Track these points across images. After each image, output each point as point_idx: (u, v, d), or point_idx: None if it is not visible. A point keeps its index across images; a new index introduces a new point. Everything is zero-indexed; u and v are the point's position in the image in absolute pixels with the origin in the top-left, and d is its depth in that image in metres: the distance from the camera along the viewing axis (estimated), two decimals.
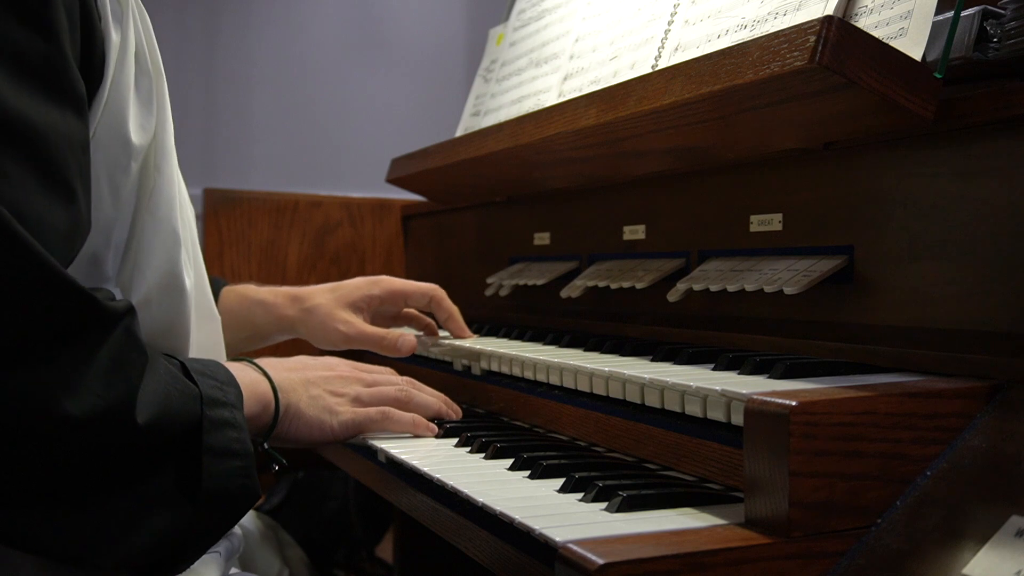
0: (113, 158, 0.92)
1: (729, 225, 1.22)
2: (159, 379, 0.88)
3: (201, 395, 0.92)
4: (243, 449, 0.95)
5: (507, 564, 0.83)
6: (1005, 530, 0.70)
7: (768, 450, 0.74)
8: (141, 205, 0.97)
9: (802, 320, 1.09)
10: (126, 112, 0.92)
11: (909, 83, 0.89)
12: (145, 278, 0.97)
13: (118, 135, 0.92)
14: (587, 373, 1.10)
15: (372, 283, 1.51)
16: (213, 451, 0.91)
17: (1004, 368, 0.83)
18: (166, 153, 0.99)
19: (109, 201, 0.93)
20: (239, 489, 0.94)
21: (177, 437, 0.89)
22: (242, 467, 0.94)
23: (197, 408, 0.91)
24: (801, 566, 0.73)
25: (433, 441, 1.17)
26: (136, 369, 0.84)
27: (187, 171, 1.25)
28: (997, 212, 0.88)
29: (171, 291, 1.00)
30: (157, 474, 0.88)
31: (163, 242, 0.98)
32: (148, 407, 0.84)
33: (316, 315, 1.48)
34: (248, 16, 3.60)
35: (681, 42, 1.28)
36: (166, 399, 0.87)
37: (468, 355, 1.40)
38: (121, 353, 0.83)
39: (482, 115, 1.79)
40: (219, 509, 0.92)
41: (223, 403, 0.95)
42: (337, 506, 2.32)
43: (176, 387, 0.90)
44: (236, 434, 0.95)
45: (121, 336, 0.84)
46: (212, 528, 0.94)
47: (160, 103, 0.99)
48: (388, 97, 3.73)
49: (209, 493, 0.90)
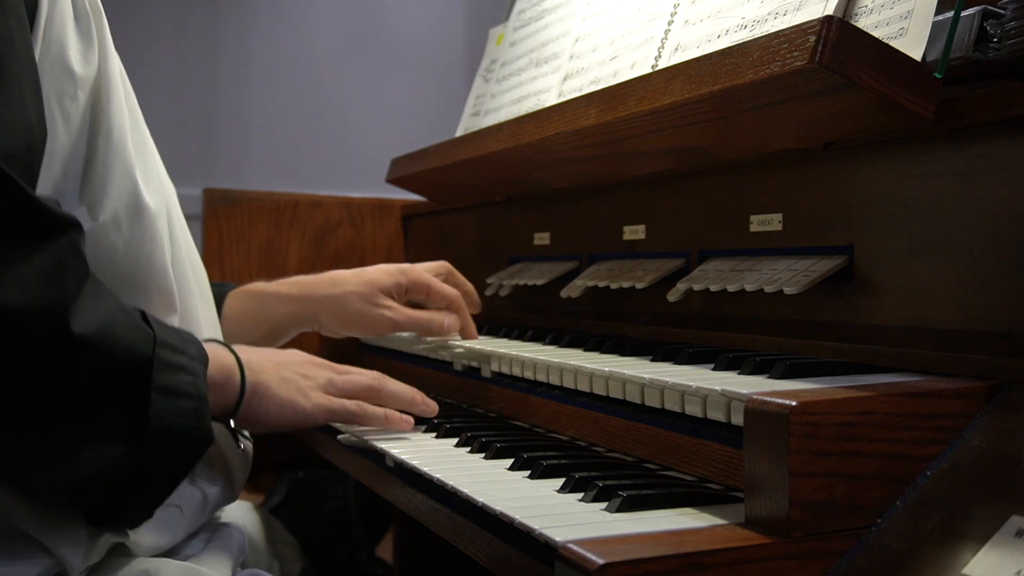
0: (60, 86, 0.96)
1: (729, 225, 1.22)
2: (105, 302, 0.87)
3: (156, 337, 0.91)
4: (196, 392, 0.94)
5: (507, 564, 0.83)
6: (1005, 530, 0.70)
7: (768, 450, 0.74)
8: (95, 132, 1.00)
9: (802, 320, 1.09)
10: (66, 44, 0.96)
11: (909, 83, 0.89)
12: (109, 196, 0.99)
13: (61, 64, 0.96)
14: (587, 373, 1.10)
15: (401, 271, 1.48)
16: (162, 389, 0.90)
17: (1004, 368, 0.83)
18: (113, 85, 1.02)
19: (62, 128, 0.96)
20: (189, 430, 0.93)
21: (123, 369, 0.88)
22: (193, 408, 0.93)
23: (149, 347, 0.90)
24: (801, 566, 0.73)
25: (433, 441, 1.17)
26: (75, 278, 0.84)
27: (187, 171, 1.25)
28: (997, 212, 0.88)
29: (137, 211, 1.01)
30: (99, 403, 0.87)
31: (120, 164, 1.01)
32: (86, 321, 0.83)
33: (349, 302, 1.44)
34: (248, 16, 3.60)
35: (681, 42, 1.28)
36: (109, 321, 0.86)
37: (478, 356, 1.40)
38: (61, 260, 0.82)
39: (482, 115, 1.79)
40: (167, 448, 0.91)
41: (179, 351, 0.94)
42: (337, 506, 2.32)
43: (126, 320, 0.89)
44: (190, 379, 0.94)
45: (64, 245, 0.83)
46: (161, 470, 0.93)
47: (102, 40, 1.02)
48: (388, 97, 3.73)
49: (156, 431, 0.89)
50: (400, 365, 1.69)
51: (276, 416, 1.14)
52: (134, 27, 3.40)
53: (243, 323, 1.42)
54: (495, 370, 1.34)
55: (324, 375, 1.21)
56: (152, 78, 3.42)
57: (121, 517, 0.94)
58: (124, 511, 0.93)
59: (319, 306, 1.46)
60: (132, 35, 3.39)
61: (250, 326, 1.45)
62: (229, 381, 1.10)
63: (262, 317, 1.47)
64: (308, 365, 1.22)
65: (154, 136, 1.14)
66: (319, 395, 1.18)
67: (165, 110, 3.43)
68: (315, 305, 1.46)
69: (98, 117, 1.00)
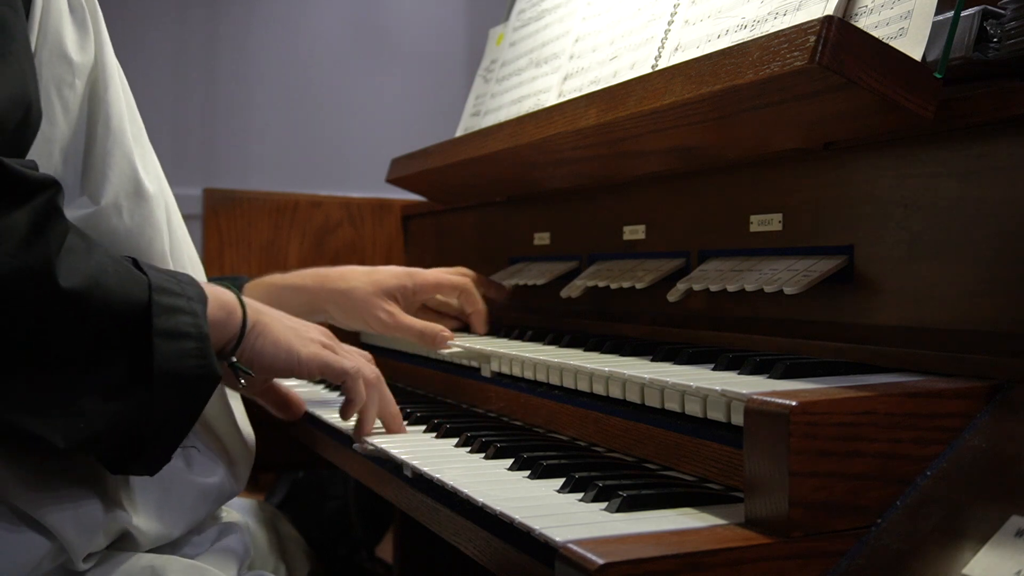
0: (58, 74, 0.97)
1: (729, 225, 1.22)
2: (93, 254, 0.88)
3: (151, 283, 0.92)
4: (197, 332, 0.94)
5: (507, 564, 0.83)
6: (1005, 530, 0.70)
7: (768, 450, 0.74)
8: (93, 119, 1.01)
9: (802, 320, 1.09)
10: (63, 33, 0.98)
11: (909, 83, 0.89)
12: (110, 181, 1.00)
13: (59, 52, 0.97)
14: (587, 373, 1.10)
15: (408, 274, 1.55)
16: (164, 333, 0.90)
17: (1004, 368, 0.83)
18: (110, 73, 1.04)
19: (61, 116, 0.97)
20: (195, 369, 0.93)
21: (121, 318, 0.88)
22: (197, 348, 0.93)
23: (144, 293, 0.90)
24: (801, 566, 0.73)
25: (433, 441, 1.17)
26: (56, 235, 0.84)
27: (187, 171, 1.25)
28: (997, 212, 0.88)
29: (137, 197, 1.02)
30: (101, 354, 0.88)
31: (119, 149, 1.02)
32: (73, 274, 0.84)
33: (354, 297, 1.51)
34: (249, 15, 3.60)
35: (681, 42, 1.28)
36: (99, 273, 0.86)
37: (477, 356, 1.40)
38: (40, 219, 0.83)
39: (482, 115, 1.79)
40: (175, 391, 0.92)
41: (176, 293, 0.94)
42: (337, 506, 2.32)
43: (116, 269, 0.90)
44: (191, 319, 0.94)
45: (42, 204, 0.83)
46: (172, 413, 0.93)
47: (97, 29, 1.03)
48: (388, 97, 3.73)
49: (163, 374, 0.90)
50: (400, 365, 1.69)
51: (270, 356, 1.14)
52: (134, 27, 3.40)
53: None
54: (495, 370, 1.34)
55: (329, 340, 1.22)
56: (152, 78, 3.42)
57: (139, 463, 0.95)
58: (140, 457, 0.94)
59: (328, 298, 1.54)
60: (132, 35, 3.39)
61: None
62: (231, 317, 1.09)
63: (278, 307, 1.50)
64: (313, 329, 1.23)
65: (154, 136, 1.15)
66: (317, 347, 1.18)
67: (165, 110, 3.43)
68: (325, 297, 1.54)
69: (96, 105, 1.01)
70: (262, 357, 1.14)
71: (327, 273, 1.56)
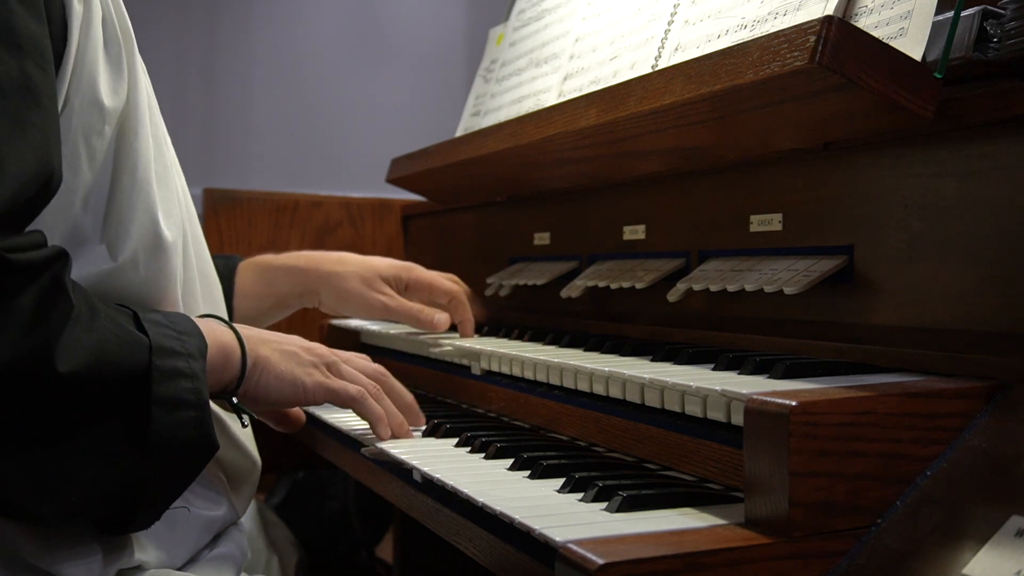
0: (88, 122, 0.93)
1: (729, 225, 1.22)
2: (97, 326, 0.86)
3: (151, 344, 0.89)
4: (197, 400, 0.92)
5: (507, 564, 0.83)
6: (1005, 530, 0.70)
7: (768, 450, 0.74)
8: (119, 167, 0.98)
9: (802, 320, 1.09)
10: (97, 76, 0.94)
11: (909, 83, 0.89)
12: (131, 237, 0.98)
13: (91, 99, 0.93)
14: (587, 373, 1.10)
15: (405, 268, 1.54)
16: (162, 401, 0.89)
17: (1004, 368, 0.83)
18: (140, 116, 1.00)
19: (86, 164, 0.94)
20: (193, 440, 0.92)
21: (120, 387, 0.87)
22: (196, 417, 0.92)
23: (144, 357, 0.88)
24: (801, 566, 0.73)
25: (433, 441, 1.17)
26: (59, 315, 0.82)
27: (187, 171, 1.25)
28: (997, 212, 0.88)
29: (156, 250, 1.01)
30: (99, 424, 0.86)
31: (143, 201, 0.99)
32: (74, 355, 0.82)
33: (350, 279, 1.50)
34: (248, 16, 3.60)
35: (681, 42, 1.28)
36: (100, 346, 0.84)
37: (468, 355, 1.40)
38: (44, 302, 0.81)
39: (482, 115, 1.79)
40: (172, 459, 0.91)
41: (177, 353, 0.92)
42: (337, 506, 2.32)
43: (117, 335, 0.88)
44: (190, 384, 0.92)
45: (47, 284, 0.81)
46: (167, 481, 0.92)
47: (131, 67, 1.00)
48: (388, 97, 3.73)
49: (160, 445, 0.88)
50: (398, 365, 1.69)
51: (275, 391, 1.12)
52: (134, 27, 3.40)
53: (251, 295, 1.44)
54: (495, 370, 1.34)
55: (328, 357, 1.20)
56: (152, 78, 3.42)
57: (129, 526, 0.94)
58: (132, 520, 0.93)
59: (321, 281, 1.51)
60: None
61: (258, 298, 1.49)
62: (229, 359, 1.07)
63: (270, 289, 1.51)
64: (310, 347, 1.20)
65: None
66: (320, 374, 1.16)
67: (165, 110, 3.42)
68: (318, 279, 1.51)
69: (123, 151, 0.98)
70: (268, 392, 1.12)
71: (323, 256, 1.54)
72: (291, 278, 1.52)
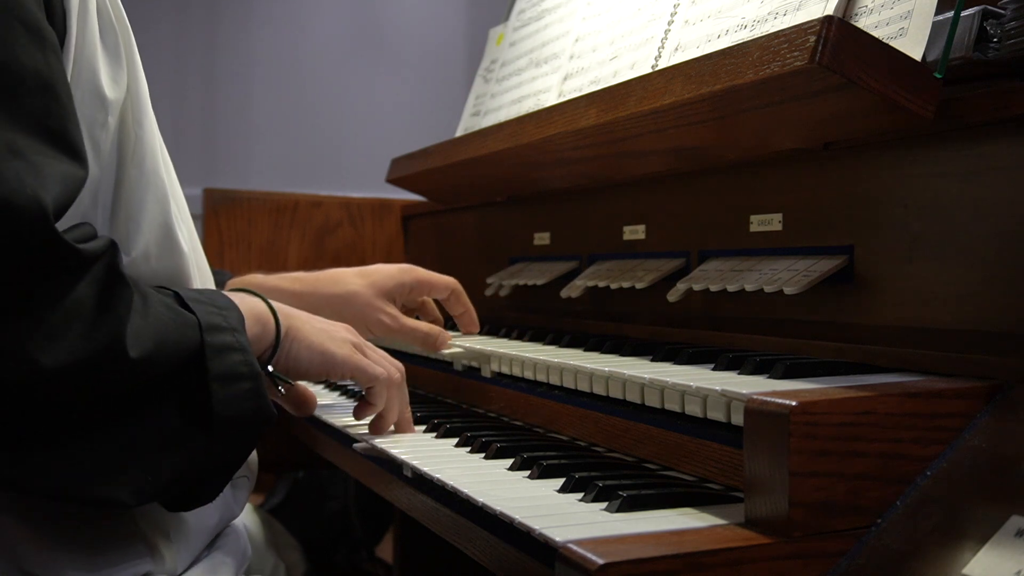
0: (90, 114, 0.93)
1: (729, 225, 1.22)
2: (152, 311, 0.86)
3: (200, 322, 0.91)
4: (250, 371, 0.93)
5: (507, 564, 0.83)
6: (1005, 530, 0.70)
7: (768, 450, 0.74)
8: (125, 160, 0.97)
9: (802, 320, 1.09)
10: (96, 66, 0.93)
11: (909, 83, 0.89)
12: (141, 231, 0.97)
13: (92, 90, 0.93)
14: (587, 373, 1.10)
15: (403, 271, 1.51)
16: (220, 377, 0.90)
17: (1004, 368, 0.83)
18: (143, 107, 1.00)
19: (92, 158, 0.93)
20: (252, 412, 0.93)
21: (178, 367, 0.88)
22: (252, 389, 0.93)
23: (197, 336, 0.90)
24: (801, 566, 0.73)
25: (433, 441, 1.17)
26: (123, 304, 0.83)
27: (187, 171, 1.25)
28: (997, 212, 0.88)
29: (168, 244, 1.00)
30: (164, 406, 0.87)
31: (153, 194, 0.99)
32: (142, 340, 0.83)
33: (354, 303, 1.46)
34: (248, 16, 3.60)
35: (681, 42, 1.28)
36: (161, 330, 0.86)
37: (478, 357, 1.40)
38: (106, 293, 0.82)
39: (482, 115, 1.79)
40: (234, 434, 0.92)
41: (224, 328, 0.93)
42: (337, 506, 2.32)
43: (171, 317, 0.88)
44: (241, 357, 0.93)
45: (102, 273, 0.82)
46: (230, 455, 0.94)
47: (130, 57, 0.99)
48: (388, 97, 3.73)
49: (222, 420, 0.90)
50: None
51: (306, 361, 1.12)
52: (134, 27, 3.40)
53: None
54: (495, 370, 1.34)
55: (358, 338, 1.21)
56: (152, 78, 3.42)
57: (196, 501, 0.95)
58: (199, 495, 0.94)
59: (321, 303, 1.46)
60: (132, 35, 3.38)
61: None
62: (265, 329, 1.08)
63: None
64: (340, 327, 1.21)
65: None
66: (350, 348, 1.17)
67: (165, 110, 3.42)
68: (317, 302, 1.46)
69: (127, 142, 0.98)
70: (299, 362, 1.12)
71: (317, 277, 1.50)
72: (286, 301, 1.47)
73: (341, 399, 1.53)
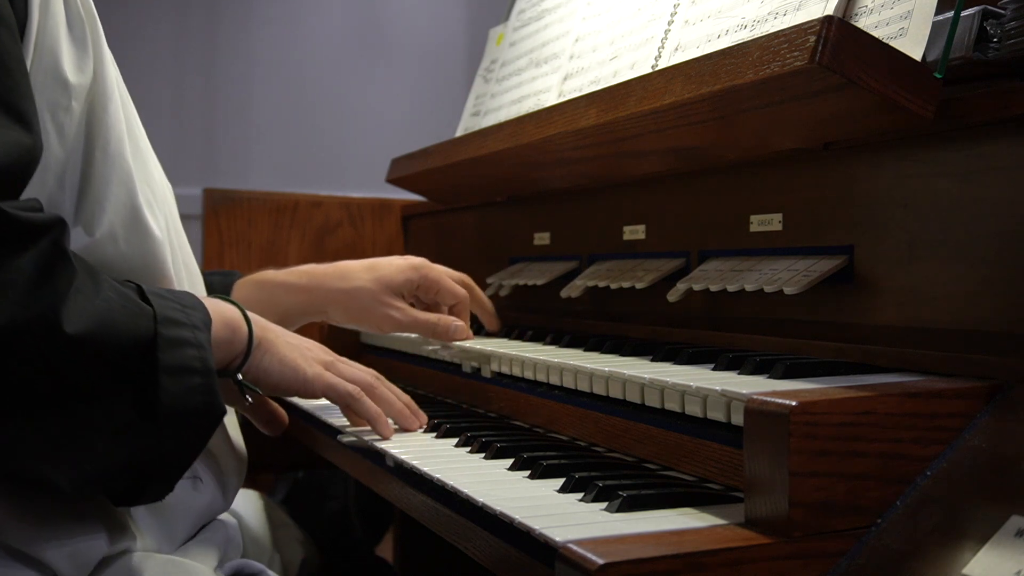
0: (53, 98, 0.94)
1: (729, 225, 1.22)
2: (102, 295, 0.87)
3: (155, 314, 0.91)
4: (203, 367, 0.93)
5: (507, 564, 0.83)
6: (1005, 530, 0.70)
7: (768, 450, 0.74)
8: (91, 144, 0.98)
9: (802, 320, 1.09)
10: (59, 53, 0.95)
11: (909, 83, 0.89)
12: (106, 212, 0.98)
13: (54, 75, 0.94)
14: (587, 373, 1.10)
15: (413, 268, 1.50)
16: (170, 369, 0.90)
17: (1004, 368, 0.83)
18: (109, 92, 1.01)
19: (56, 141, 0.94)
20: (201, 407, 0.92)
21: (127, 355, 0.88)
22: (203, 384, 0.93)
23: (150, 326, 0.89)
24: (801, 566, 0.73)
25: (433, 441, 1.17)
26: (63, 280, 0.83)
27: (187, 171, 1.25)
28: (997, 212, 0.88)
29: (136, 228, 1.01)
30: (109, 395, 0.87)
31: (118, 176, 1.00)
32: (80, 319, 0.83)
33: (360, 298, 1.47)
34: (248, 16, 3.60)
35: (681, 42, 1.28)
36: (107, 314, 0.86)
37: (477, 357, 1.40)
38: (47, 264, 0.82)
39: (482, 115, 1.79)
40: (181, 427, 0.91)
41: (182, 323, 0.93)
42: (337, 506, 2.32)
43: (123, 304, 0.89)
44: (196, 352, 0.93)
45: (47, 248, 0.82)
46: (178, 450, 0.93)
47: (96, 45, 1.00)
48: (388, 97, 3.73)
49: (169, 412, 0.89)
50: (400, 365, 1.69)
51: (277, 375, 1.13)
52: (134, 28, 3.40)
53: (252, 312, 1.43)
54: (495, 370, 1.34)
55: (327, 356, 1.22)
56: (152, 79, 3.42)
57: (144, 496, 0.95)
58: (146, 490, 0.94)
59: (328, 299, 1.48)
60: (132, 36, 3.39)
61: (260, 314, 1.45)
62: (236, 334, 1.09)
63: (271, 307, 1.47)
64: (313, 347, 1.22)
65: (154, 136, 1.14)
66: (320, 368, 1.18)
67: (165, 110, 3.43)
68: (324, 297, 1.48)
69: (94, 128, 0.99)
70: (269, 375, 1.13)
71: (324, 271, 1.51)
72: (294, 296, 1.49)
73: None
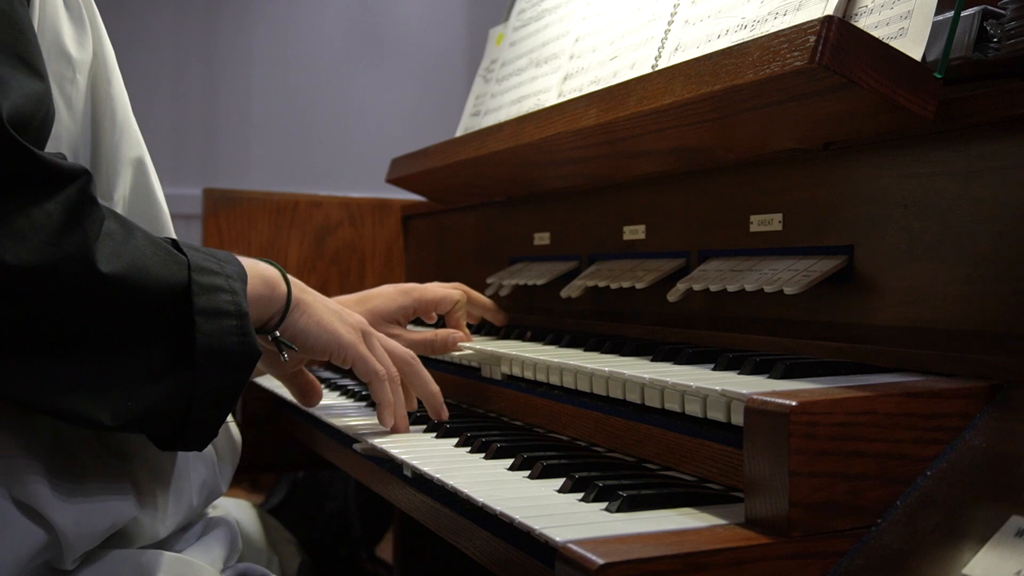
0: (59, 70, 0.97)
1: (729, 225, 1.22)
2: (132, 238, 0.89)
3: (190, 263, 0.93)
4: (237, 310, 0.95)
5: (507, 564, 0.83)
6: (1005, 530, 0.70)
7: (768, 450, 0.74)
8: (99, 115, 1.02)
9: (802, 320, 1.09)
10: (59, 28, 0.98)
11: (909, 83, 0.89)
12: (120, 175, 1.01)
13: (58, 49, 0.97)
14: (587, 373, 1.10)
15: (403, 293, 1.50)
16: (204, 312, 0.92)
17: (1004, 368, 0.83)
18: (111, 67, 1.05)
19: (65, 113, 0.97)
20: (236, 346, 0.94)
21: (162, 300, 0.89)
22: (237, 325, 0.94)
23: (184, 274, 0.91)
24: (801, 566, 0.73)
25: (433, 441, 1.17)
26: (93, 224, 0.85)
27: (187, 171, 1.25)
28: (997, 212, 0.88)
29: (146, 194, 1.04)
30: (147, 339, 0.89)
31: (127, 141, 1.03)
32: (115, 259, 0.85)
33: None
34: (248, 16, 3.60)
35: (681, 42, 1.28)
36: (138, 257, 0.88)
37: (478, 357, 1.40)
38: (76, 207, 0.84)
39: (482, 115, 1.79)
40: (218, 369, 0.93)
41: (216, 272, 0.95)
42: (337, 506, 2.32)
43: (155, 251, 0.91)
44: (229, 297, 0.95)
45: (75, 194, 0.84)
46: (216, 390, 0.94)
47: (94, 24, 1.03)
48: (388, 97, 3.74)
49: (204, 352, 0.91)
50: None
51: (314, 336, 1.14)
52: (134, 27, 3.40)
53: None
54: (495, 370, 1.34)
55: (367, 327, 1.22)
56: (152, 78, 3.42)
57: (186, 440, 0.96)
58: (187, 433, 0.95)
59: None
60: (132, 35, 3.39)
61: None
62: (274, 292, 1.10)
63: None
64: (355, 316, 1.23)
65: (154, 136, 1.15)
66: (357, 337, 1.19)
67: (165, 110, 3.43)
68: None
69: (100, 100, 1.02)
70: (306, 336, 1.14)
71: None
72: None
73: (341, 399, 1.53)
